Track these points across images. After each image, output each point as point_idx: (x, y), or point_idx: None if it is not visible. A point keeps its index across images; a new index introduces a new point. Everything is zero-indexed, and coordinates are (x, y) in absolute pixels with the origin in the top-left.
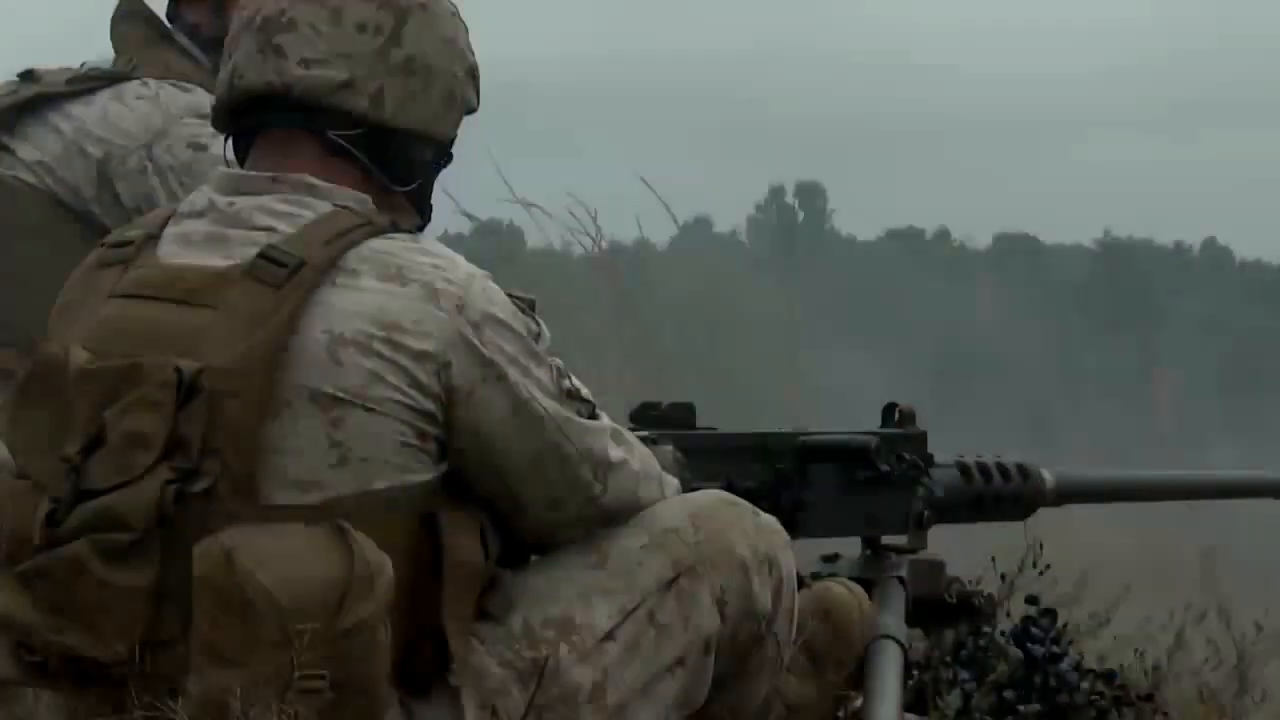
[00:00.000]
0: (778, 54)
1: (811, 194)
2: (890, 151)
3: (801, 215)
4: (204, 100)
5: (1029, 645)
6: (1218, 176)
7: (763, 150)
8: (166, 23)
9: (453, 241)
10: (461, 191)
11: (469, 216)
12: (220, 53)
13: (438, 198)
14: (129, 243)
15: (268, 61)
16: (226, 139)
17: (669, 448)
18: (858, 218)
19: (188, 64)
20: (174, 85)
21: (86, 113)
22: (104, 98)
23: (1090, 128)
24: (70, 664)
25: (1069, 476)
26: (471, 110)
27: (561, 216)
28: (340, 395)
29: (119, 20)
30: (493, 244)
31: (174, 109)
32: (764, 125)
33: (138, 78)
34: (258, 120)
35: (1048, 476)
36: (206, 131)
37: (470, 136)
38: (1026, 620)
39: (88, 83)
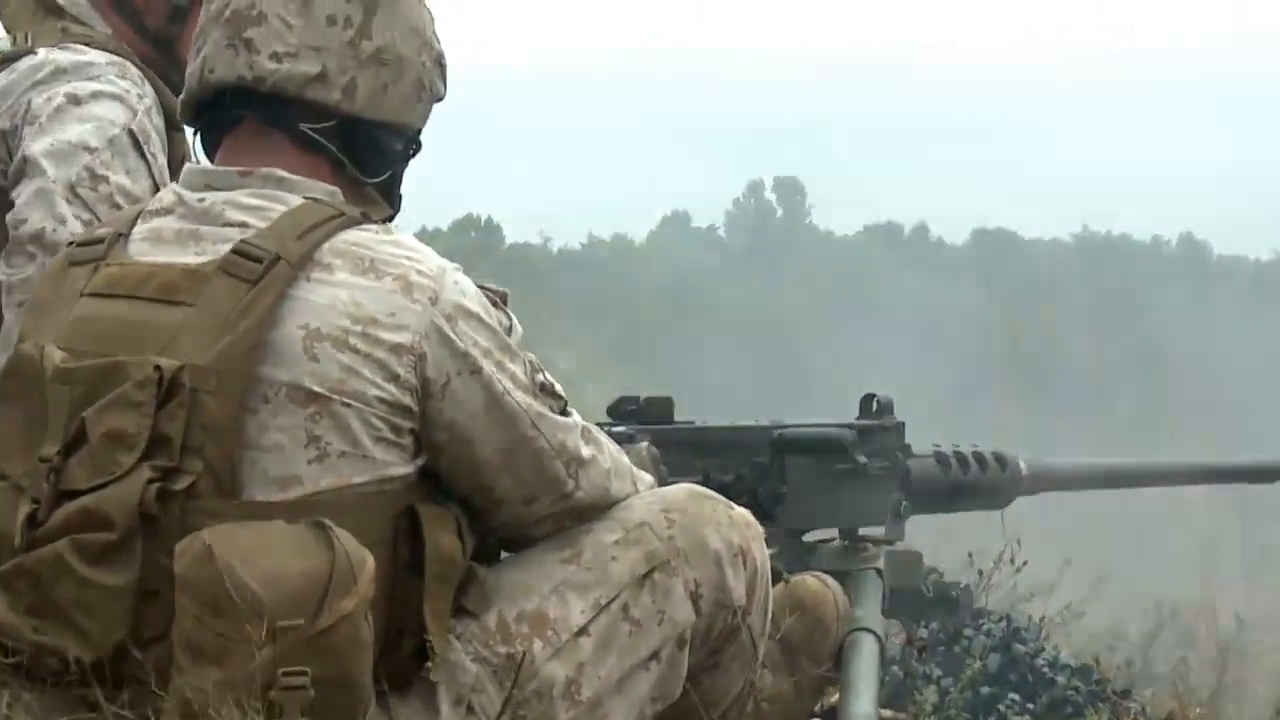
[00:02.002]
0: (759, 51)
1: (790, 189)
2: (869, 147)
3: (780, 210)
4: (95, 58)
5: (1014, 645)
6: (1195, 171)
7: (742, 145)
8: None
9: (430, 236)
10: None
11: None
12: (164, 47)
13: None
14: (98, 241)
15: (239, 55)
16: (195, 133)
17: (644, 444)
18: (836, 213)
19: (84, 29)
20: (63, 48)
21: None
22: (1, 77)
23: (1067, 123)
24: (51, 665)
25: (1045, 465)
26: (440, 99)
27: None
28: (318, 390)
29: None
30: (471, 238)
31: (62, 63)
32: (744, 121)
33: (35, 51)
34: (228, 114)
35: (1024, 465)
36: (86, 90)
37: (453, 131)
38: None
39: None
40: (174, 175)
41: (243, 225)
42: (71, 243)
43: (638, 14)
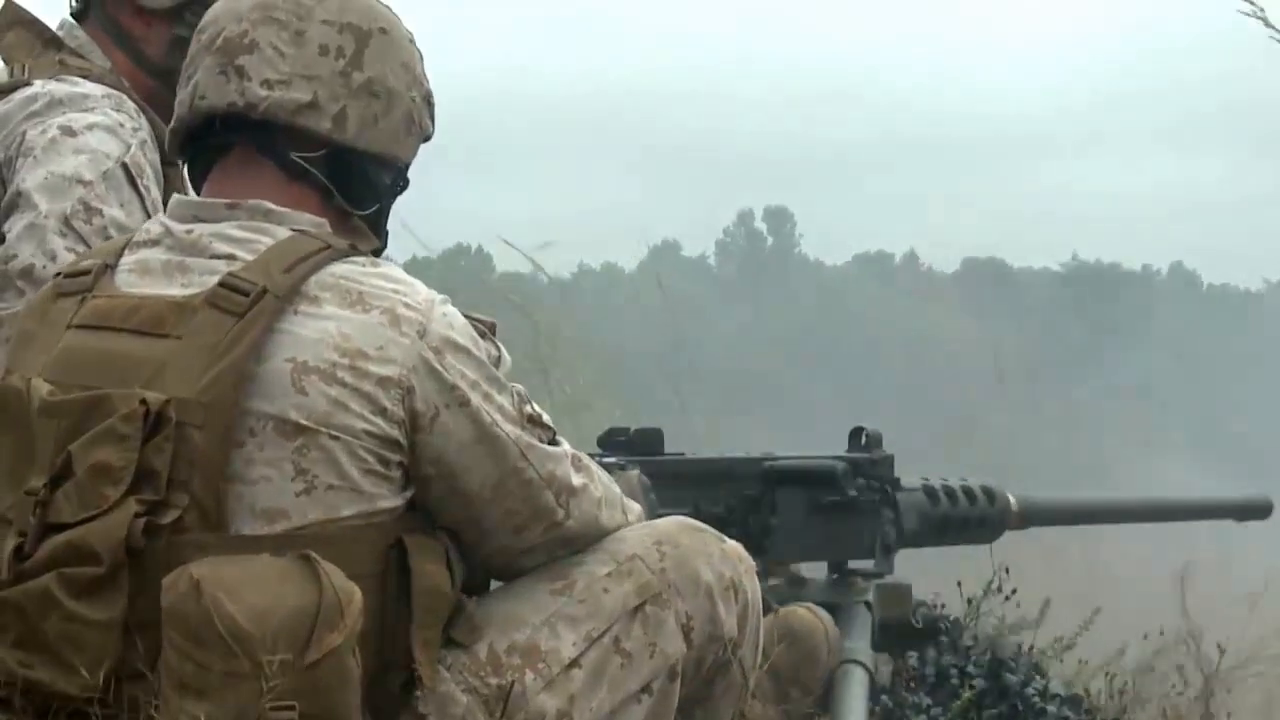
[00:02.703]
0: (747, 79)
1: (780, 218)
2: (858, 176)
3: (770, 240)
4: (90, 90)
5: (1004, 674)
6: (1183, 200)
7: (732, 175)
8: (51, 27)
9: (420, 266)
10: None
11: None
12: (165, 79)
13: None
14: (85, 272)
15: (230, 82)
16: (183, 162)
17: (635, 473)
18: (826, 242)
19: (82, 62)
20: (59, 80)
21: None
22: None
23: (1055, 151)
24: (38, 698)
25: (1033, 499)
26: (428, 137)
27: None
28: (305, 424)
29: (2, 31)
30: (461, 268)
31: (57, 94)
32: (734, 150)
33: (31, 83)
34: (218, 141)
35: (1013, 500)
36: (81, 122)
37: (445, 159)
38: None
39: None
40: None
41: (230, 257)
42: (59, 274)
43: (627, 44)
